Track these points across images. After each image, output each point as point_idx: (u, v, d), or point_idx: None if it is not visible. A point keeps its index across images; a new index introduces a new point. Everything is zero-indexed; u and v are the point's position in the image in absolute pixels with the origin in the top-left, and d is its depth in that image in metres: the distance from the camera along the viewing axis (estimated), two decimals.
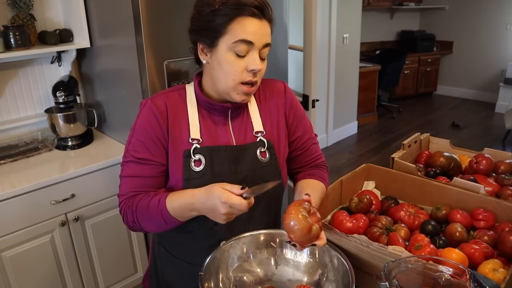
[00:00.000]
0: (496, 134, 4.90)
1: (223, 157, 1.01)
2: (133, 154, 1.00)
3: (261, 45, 0.94)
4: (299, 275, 1.00)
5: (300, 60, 2.40)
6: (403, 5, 6.33)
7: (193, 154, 1.00)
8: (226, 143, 1.03)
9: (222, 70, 0.95)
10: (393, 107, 5.91)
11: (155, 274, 1.21)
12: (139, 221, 0.99)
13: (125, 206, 1.00)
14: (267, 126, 1.08)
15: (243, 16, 0.90)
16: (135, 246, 2.12)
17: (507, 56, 5.89)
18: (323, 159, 1.22)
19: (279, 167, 1.08)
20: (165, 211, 0.94)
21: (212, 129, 1.03)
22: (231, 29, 0.91)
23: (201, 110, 1.04)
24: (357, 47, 4.64)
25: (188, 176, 0.99)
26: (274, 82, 1.14)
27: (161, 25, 1.67)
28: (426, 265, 0.87)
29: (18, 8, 1.92)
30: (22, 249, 1.71)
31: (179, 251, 1.10)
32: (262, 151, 1.05)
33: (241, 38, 0.91)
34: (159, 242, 1.16)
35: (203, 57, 0.99)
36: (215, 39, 0.93)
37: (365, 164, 1.44)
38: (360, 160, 4.16)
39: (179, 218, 0.95)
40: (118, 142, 2.11)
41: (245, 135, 1.06)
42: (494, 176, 1.44)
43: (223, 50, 0.93)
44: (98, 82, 2.14)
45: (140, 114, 1.01)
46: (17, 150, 1.98)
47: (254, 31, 0.91)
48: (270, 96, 1.11)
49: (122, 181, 1.02)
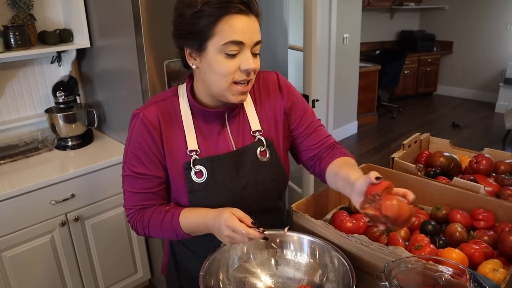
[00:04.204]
0: (496, 134, 4.90)
1: (224, 164, 1.00)
2: (130, 168, 1.00)
3: (252, 44, 0.89)
4: (299, 275, 1.00)
5: (300, 60, 2.40)
6: (403, 5, 6.33)
7: (193, 165, 0.98)
8: (226, 149, 1.01)
9: (214, 73, 0.90)
10: (393, 107, 5.91)
11: (174, 264, 1.21)
12: (150, 233, 1.02)
13: (134, 219, 1.03)
14: (264, 124, 1.06)
15: (230, 14, 0.85)
16: (135, 246, 2.12)
17: (507, 56, 5.88)
18: (334, 140, 1.14)
19: (281, 163, 1.06)
20: (179, 228, 0.97)
21: (210, 137, 1.01)
22: (219, 30, 0.86)
23: (196, 118, 1.00)
24: (357, 47, 4.64)
25: (191, 188, 0.99)
26: (266, 74, 1.10)
27: (161, 25, 1.67)
28: (426, 265, 0.87)
29: (18, 8, 1.92)
30: (22, 249, 1.71)
31: (199, 249, 1.11)
32: (262, 151, 1.03)
33: (230, 40, 0.86)
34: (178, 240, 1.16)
35: (192, 62, 0.94)
36: (203, 42, 0.88)
37: (365, 164, 1.44)
38: (360, 160, 4.14)
39: (191, 234, 0.98)
40: (118, 142, 2.11)
41: (243, 137, 1.03)
42: (494, 176, 1.44)
43: (212, 53, 0.88)
44: (98, 82, 2.14)
45: (133, 127, 0.99)
46: (17, 150, 1.98)
47: (243, 29, 0.86)
48: (265, 91, 1.08)
49: (126, 195, 1.03)
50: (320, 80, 4.19)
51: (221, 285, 0.95)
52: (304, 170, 2.44)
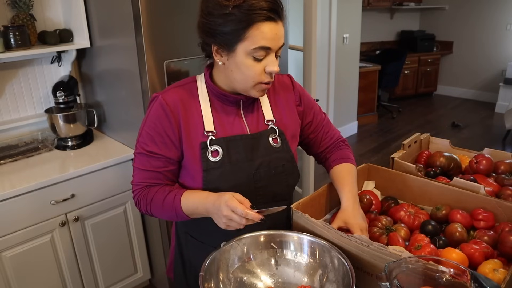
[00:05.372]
0: (496, 134, 4.90)
1: (240, 145, 1.05)
2: (143, 147, 1.05)
3: (277, 48, 0.96)
4: (299, 275, 1.00)
5: (300, 60, 2.40)
6: (403, 5, 6.33)
7: (210, 145, 1.03)
8: (240, 132, 1.07)
9: (241, 73, 0.97)
10: (393, 107, 5.91)
11: (181, 263, 1.24)
12: (151, 211, 1.07)
13: (139, 195, 1.08)
14: (277, 116, 1.13)
15: (260, 22, 0.90)
16: (135, 246, 2.12)
17: (507, 56, 5.89)
18: (341, 136, 1.29)
19: (291, 151, 1.12)
20: (179, 208, 1.01)
21: (226, 120, 1.07)
22: (250, 36, 0.91)
23: (213, 102, 1.07)
24: (357, 47, 4.64)
25: (207, 166, 1.03)
26: (281, 77, 1.19)
27: (161, 25, 1.67)
28: (427, 265, 0.87)
29: (18, 8, 1.92)
30: (22, 249, 1.71)
31: (208, 238, 1.13)
32: (273, 138, 1.09)
33: (260, 45, 0.92)
34: (185, 232, 1.20)
35: (218, 58, 0.99)
36: (233, 44, 0.93)
37: (364, 164, 1.44)
38: (360, 160, 4.16)
39: (190, 215, 1.03)
40: (118, 142, 2.11)
41: (257, 124, 1.10)
42: (494, 176, 1.44)
43: (241, 55, 0.94)
44: (98, 82, 2.14)
45: (152, 108, 1.04)
46: (17, 150, 1.98)
47: (272, 36, 0.92)
48: (280, 91, 1.16)
49: (135, 171, 1.08)
50: (320, 80, 4.19)
51: (221, 285, 0.94)
52: (304, 170, 2.45)
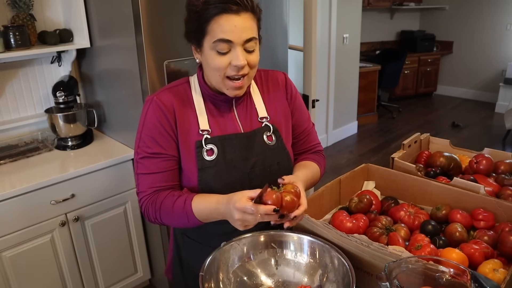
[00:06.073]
0: (496, 134, 4.90)
1: (234, 144, 1.05)
2: (146, 150, 1.03)
3: (241, 41, 0.94)
4: (299, 275, 1.00)
5: (300, 60, 2.41)
6: (403, 5, 6.33)
7: (205, 144, 1.03)
8: (234, 131, 1.07)
9: (210, 68, 0.98)
10: (393, 107, 5.91)
11: (179, 263, 1.23)
12: (161, 218, 1.03)
13: (147, 203, 1.04)
14: (271, 112, 1.12)
15: (220, 14, 0.91)
16: (135, 246, 2.12)
17: (507, 56, 5.89)
18: (321, 148, 1.27)
19: (286, 148, 1.12)
20: (191, 213, 0.98)
21: (220, 119, 1.07)
22: (210, 30, 0.93)
23: (207, 102, 1.08)
24: (357, 47, 4.64)
25: (201, 165, 1.03)
26: (276, 73, 1.19)
27: (161, 25, 1.67)
28: (427, 265, 0.87)
29: (18, 8, 1.92)
30: (22, 249, 1.71)
31: (206, 238, 1.13)
32: (268, 135, 1.09)
33: (218, 38, 0.93)
34: (183, 233, 1.19)
35: (197, 57, 1.03)
36: (200, 40, 0.97)
37: (364, 164, 1.44)
38: (360, 160, 4.16)
39: (203, 220, 0.99)
40: (118, 142, 2.11)
41: (251, 122, 1.10)
42: (494, 176, 1.44)
43: (207, 50, 0.96)
44: (98, 82, 2.14)
45: (147, 111, 1.04)
46: (17, 150, 1.98)
47: (231, 29, 0.92)
48: (273, 87, 1.16)
49: (140, 179, 1.06)
50: (320, 80, 4.19)
51: (221, 285, 0.94)
52: None
